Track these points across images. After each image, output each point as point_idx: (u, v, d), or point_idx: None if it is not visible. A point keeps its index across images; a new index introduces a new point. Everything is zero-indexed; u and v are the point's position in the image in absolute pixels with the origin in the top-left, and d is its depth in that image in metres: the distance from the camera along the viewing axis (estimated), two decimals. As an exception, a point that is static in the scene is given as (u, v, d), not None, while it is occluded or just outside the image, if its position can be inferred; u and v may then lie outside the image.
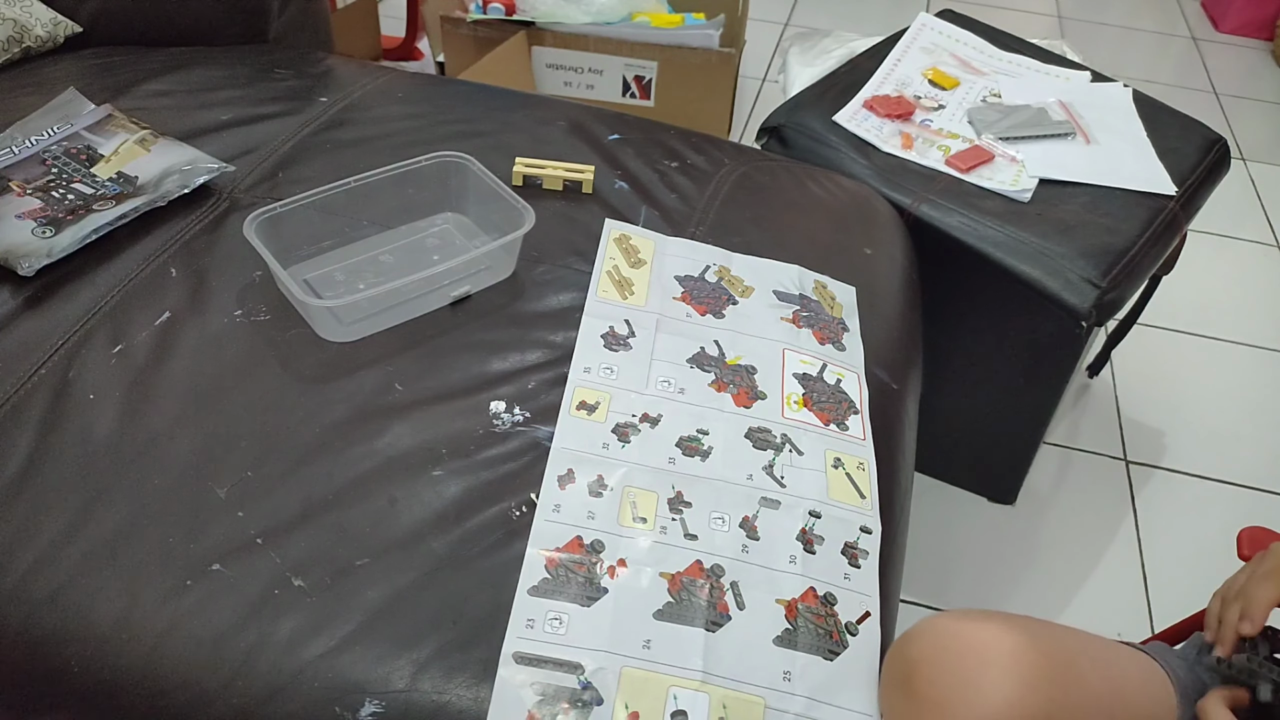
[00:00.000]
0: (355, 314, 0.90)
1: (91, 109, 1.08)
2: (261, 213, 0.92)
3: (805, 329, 0.96)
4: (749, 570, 0.75)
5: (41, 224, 0.93)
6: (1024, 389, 1.26)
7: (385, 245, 1.00)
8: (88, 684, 0.68)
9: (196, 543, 0.73)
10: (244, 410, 0.82)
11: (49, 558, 0.71)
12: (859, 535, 0.80)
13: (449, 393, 0.85)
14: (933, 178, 1.27)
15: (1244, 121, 2.50)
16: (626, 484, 0.79)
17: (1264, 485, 1.52)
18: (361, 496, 0.77)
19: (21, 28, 1.24)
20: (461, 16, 1.82)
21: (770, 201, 1.15)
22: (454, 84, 1.49)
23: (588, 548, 0.74)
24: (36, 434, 0.78)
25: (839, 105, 1.38)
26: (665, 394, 0.87)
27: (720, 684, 0.68)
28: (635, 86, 1.87)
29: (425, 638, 0.69)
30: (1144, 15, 3.02)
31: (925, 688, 0.64)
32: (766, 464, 0.83)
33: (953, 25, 1.59)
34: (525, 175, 1.08)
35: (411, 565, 0.73)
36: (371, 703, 0.66)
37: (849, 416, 0.89)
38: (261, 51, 1.36)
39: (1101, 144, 1.35)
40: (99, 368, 0.84)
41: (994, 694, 0.61)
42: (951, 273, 1.20)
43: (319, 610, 0.70)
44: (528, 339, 0.91)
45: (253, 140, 1.12)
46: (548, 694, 0.66)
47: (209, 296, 0.91)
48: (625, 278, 0.98)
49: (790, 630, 0.72)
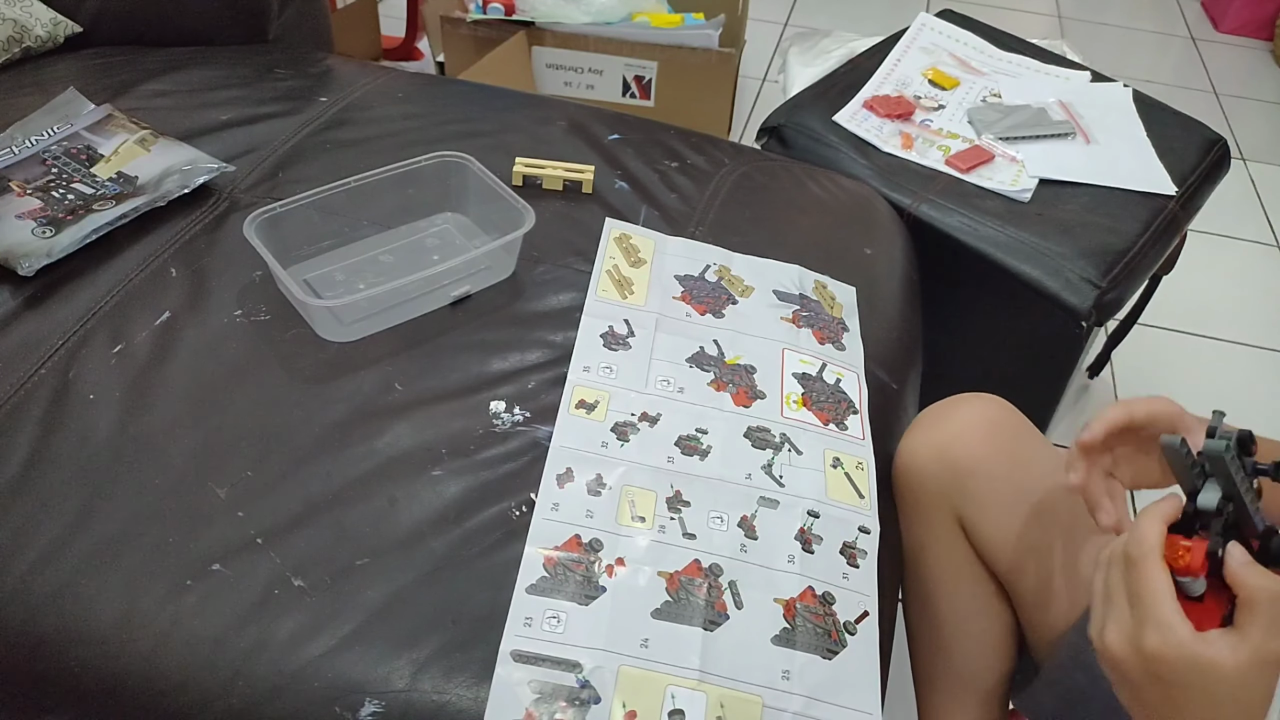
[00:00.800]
0: (355, 314, 0.90)
1: (91, 109, 1.08)
2: (261, 213, 0.92)
3: (805, 329, 0.96)
4: (747, 569, 0.75)
5: (41, 224, 0.93)
6: (1024, 389, 1.26)
7: (385, 245, 1.00)
8: (88, 684, 0.68)
9: (196, 543, 0.73)
10: (244, 410, 0.82)
11: (49, 558, 0.72)
12: (857, 535, 0.80)
13: (449, 393, 0.85)
14: (933, 178, 1.27)
15: (1244, 121, 2.50)
16: (625, 483, 0.79)
17: (1264, 485, 1.52)
18: (361, 496, 0.77)
19: (21, 28, 1.24)
20: (461, 16, 1.82)
21: (770, 201, 1.15)
22: (454, 84, 1.50)
23: (586, 546, 0.74)
24: (36, 434, 0.79)
25: (839, 105, 1.38)
26: (664, 393, 0.87)
27: (718, 683, 0.69)
28: (635, 86, 1.87)
29: (425, 637, 0.69)
30: (1144, 15, 3.02)
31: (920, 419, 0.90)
32: (765, 463, 0.83)
33: (952, 25, 1.59)
34: (525, 175, 1.08)
35: (411, 565, 0.73)
36: (371, 702, 0.66)
37: (848, 416, 0.89)
38: (261, 51, 1.36)
39: (1101, 144, 1.35)
40: (99, 368, 0.84)
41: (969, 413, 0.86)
42: (951, 273, 1.21)
43: (319, 610, 0.70)
44: (528, 339, 0.91)
45: (253, 140, 1.12)
46: (545, 692, 0.66)
47: (209, 296, 0.91)
48: (625, 277, 0.98)
49: (789, 629, 0.72)
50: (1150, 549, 0.54)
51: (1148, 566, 0.54)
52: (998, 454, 0.83)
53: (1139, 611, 0.53)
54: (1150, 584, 0.53)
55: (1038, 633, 0.82)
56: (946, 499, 0.84)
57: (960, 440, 0.85)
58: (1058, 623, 0.79)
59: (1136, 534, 0.55)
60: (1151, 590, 0.53)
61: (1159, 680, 0.52)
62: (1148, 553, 0.54)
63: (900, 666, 0.89)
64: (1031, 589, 0.82)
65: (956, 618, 0.87)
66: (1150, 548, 0.54)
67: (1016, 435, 0.85)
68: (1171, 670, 0.52)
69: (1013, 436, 0.85)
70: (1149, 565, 0.54)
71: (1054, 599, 0.79)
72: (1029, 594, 0.82)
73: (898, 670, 0.86)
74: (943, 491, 0.84)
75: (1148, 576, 0.53)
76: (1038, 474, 0.82)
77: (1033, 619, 0.83)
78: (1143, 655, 0.52)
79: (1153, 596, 0.53)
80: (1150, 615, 0.52)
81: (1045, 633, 0.81)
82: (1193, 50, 2.84)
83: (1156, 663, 0.52)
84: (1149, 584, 0.53)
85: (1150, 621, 0.52)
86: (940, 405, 0.89)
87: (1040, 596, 0.81)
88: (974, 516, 0.83)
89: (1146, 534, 0.54)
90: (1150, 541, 0.54)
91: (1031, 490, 0.81)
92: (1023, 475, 0.82)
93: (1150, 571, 0.53)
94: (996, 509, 0.82)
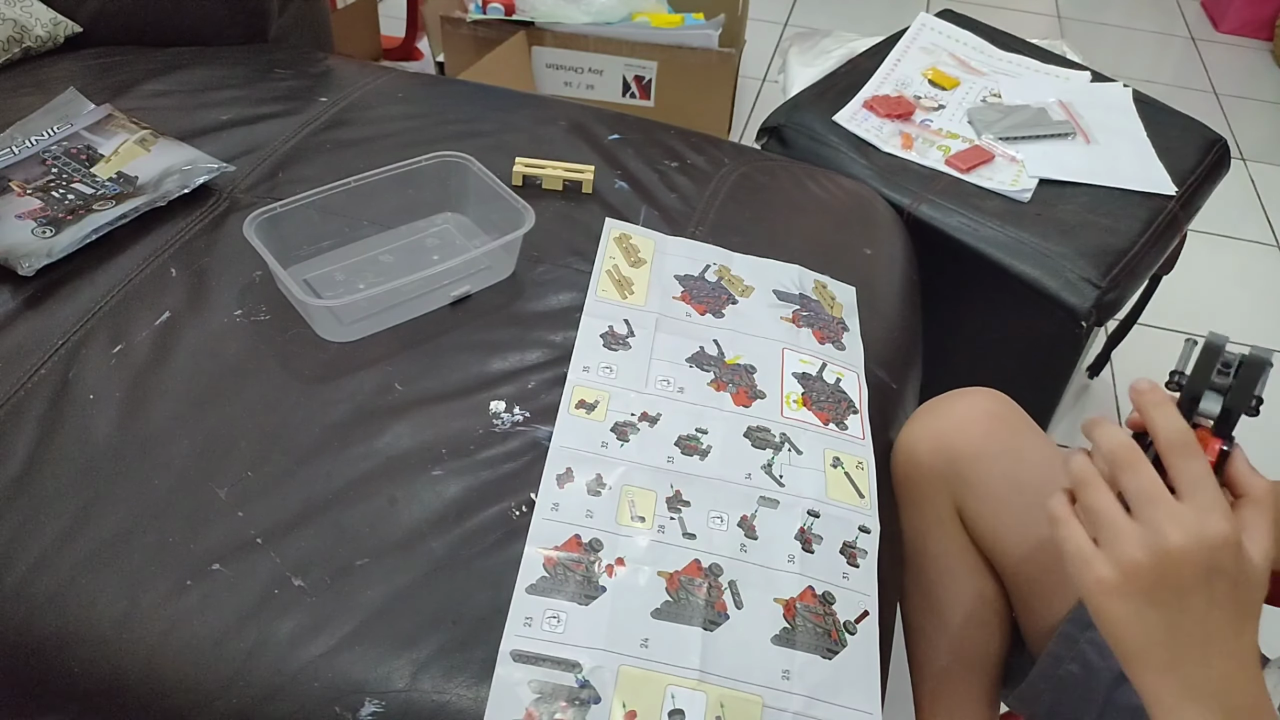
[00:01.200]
0: (355, 314, 0.90)
1: (91, 109, 1.08)
2: (261, 213, 0.92)
3: (805, 328, 0.96)
4: (747, 569, 0.75)
5: (41, 224, 0.93)
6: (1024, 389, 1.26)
7: (385, 245, 1.00)
8: (88, 684, 0.68)
9: (196, 543, 0.73)
10: (244, 410, 0.82)
11: (49, 558, 0.72)
12: (858, 535, 0.80)
13: (449, 393, 0.85)
14: (932, 178, 1.27)
15: (1244, 121, 2.50)
16: (625, 483, 0.79)
17: (1264, 485, 1.52)
18: (361, 496, 0.77)
19: (21, 28, 1.24)
20: (461, 16, 1.83)
21: (770, 201, 1.15)
22: (454, 84, 1.50)
23: (586, 546, 0.74)
24: (36, 434, 0.79)
25: (839, 105, 1.38)
26: (664, 393, 0.87)
27: (718, 683, 0.69)
28: (635, 86, 1.87)
29: (425, 637, 0.69)
30: (1144, 15, 3.02)
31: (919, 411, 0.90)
32: (765, 463, 0.83)
33: (952, 25, 1.59)
34: (525, 175, 1.08)
35: (411, 565, 0.73)
36: (371, 702, 0.66)
37: (848, 416, 0.89)
38: (261, 51, 1.36)
39: (1101, 144, 1.35)
40: (99, 368, 0.84)
41: (968, 404, 0.87)
42: (951, 273, 1.21)
43: (319, 610, 0.70)
44: (528, 339, 0.91)
45: (253, 140, 1.12)
46: (545, 692, 0.66)
47: (209, 296, 0.91)
48: (625, 277, 0.98)
49: (788, 629, 0.72)
50: (1191, 436, 0.52)
51: (1194, 452, 0.51)
52: (996, 445, 0.84)
53: (1200, 499, 0.50)
54: (1204, 469, 0.51)
55: (1033, 622, 0.83)
56: (946, 488, 0.85)
57: (959, 431, 0.85)
58: (1053, 613, 0.79)
59: (1168, 425, 0.52)
60: (1207, 475, 0.51)
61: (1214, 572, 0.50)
62: (1190, 440, 0.52)
63: (900, 666, 0.89)
64: (1028, 579, 0.82)
65: (955, 602, 0.87)
66: (1190, 435, 0.52)
67: (1014, 427, 0.86)
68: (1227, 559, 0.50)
69: (1011, 428, 0.85)
70: (1195, 451, 0.51)
71: (1050, 589, 0.80)
72: (1025, 583, 0.83)
73: (898, 670, 0.86)
74: (942, 480, 0.85)
75: (1199, 460, 0.51)
76: (1035, 466, 0.82)
77: (1029, 608, 0.83)
78: (1208, 546, 0.50)
79: (1210, 481, 0.51)
80: (1216, 501, 0.50)
81: (1041, 623, 0.81)
82: (1193, 50, 2.84)
83: (1220, 551, 0.50)
84: (1202, 469, 0.51)
85: (1217, 508, 0.50)
86: (939, 398, 0.90)
87: (1037, 586, 0.81)
88: (972, 506, 0.84)
89: (1177, 422, 0.52)
90: (1186, 430, 0.52)
91: (1029, 481, 0.82)
92: (1020, 467, 0.83)
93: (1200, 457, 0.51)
94: (994, 499, 0.83)
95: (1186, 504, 0.51)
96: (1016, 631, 0.88)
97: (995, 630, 0.87)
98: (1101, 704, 0.74)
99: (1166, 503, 0.51)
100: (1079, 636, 0.76)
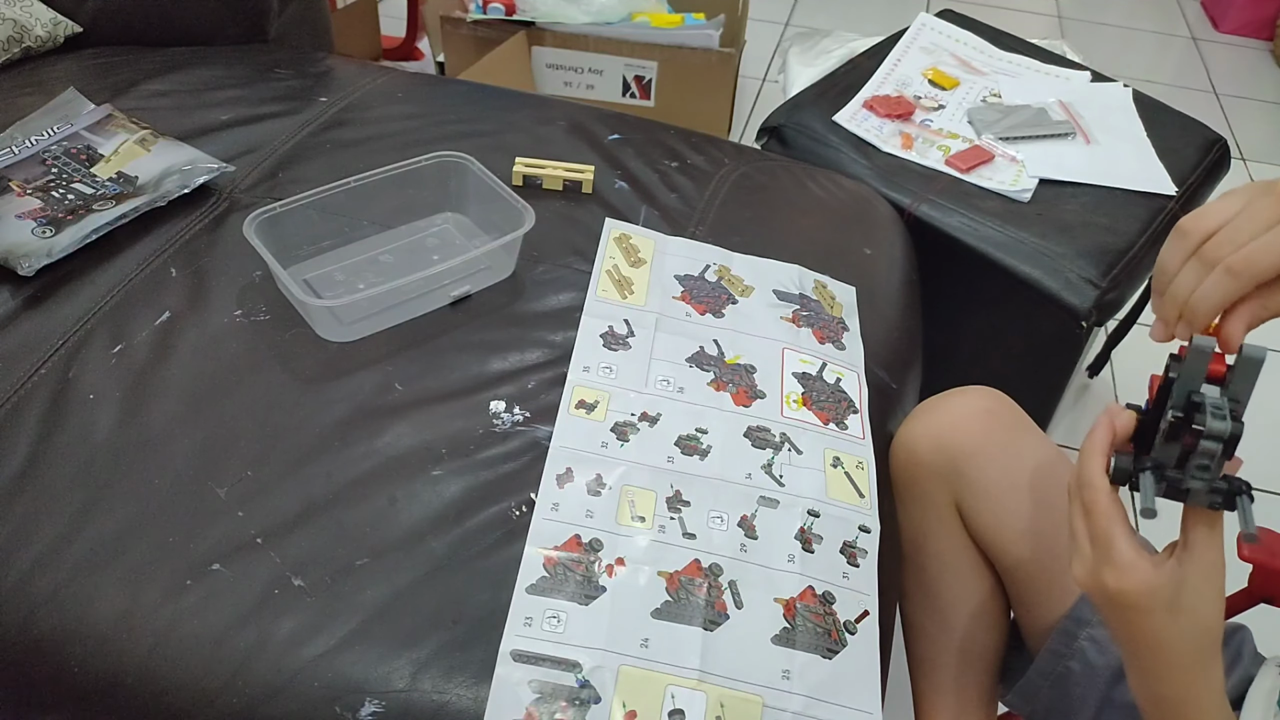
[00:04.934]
0: (355, 314, 0.90)
1: (91, 109, 1.08)
2: (261, 213, 0.92)
3: (805, 328, 0.96)
4: (747, 569, 0.75)
5: (41, 224, 0.93)
6: (1024, 389, 1.26)
7: (385, 245, 1.00)
8: (88, 683, 0.68)
9: (196, 543, 0.73)
10: (244, 410, 0.82)
11: (49, 557, 0.72)
12: (858, 534, 0.80)
13: (449, 392, 0.85)
14: (933, 178, 1.27)
15: (1244, 121, 2.50)
16: (625, 483, 0.79)
17: (1265, 486, 1.52)
18: (361, 496, 0.77)
19: (21, 28, 1.24)
20: (461, 16, 1.83)
21: (770, 201, 1.15)
22: (454, 84, 1.50)
23: (586, 546, 0.74)
24: (36, 434, 0.79)
25: (839, 105, 1.38)
26: (664, 393, 0.87)
27: (718, 683, 0.69)
28: (635, 86, 1.87)
29: (425, 637, 0.69)
30: (1144, 15, 3.02)
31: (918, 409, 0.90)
32: (765, 463, 0.83)
33: (953, 25, 1.59)
34: (525, 175, 1.08)
35: (411, 565, 0.73)
36: (371, 702, 0.66)
37: (848, 416, 0.89)
38: (261, 51, 1.36)
39: (1101, 144, 1.35)
40: (99, 368, 0.84)
41: (967, 402, 0.87)
42: (951, 273, 1.20)
43: (319, 610, 0.70)
44: (527, 339, 0.91)
45: (253, 140, 1.12)
46: (545, 692, 0.66)
47: (209, 296, 0.91)
48: (625, 277, 0.98)
49: (789, 629, 0.72)
50: (1098, 490, 0.57)
51: (1098, 509, 0.57)
52: (994, 442, 0.84)
53: (1097, 552, 0.57)
54: (1102, 525, 0.56)
55: (1032, 620, 0.83)
56: (945, 485, 0.85)
57: (958, 428, 0.86)
58: (1052, 609, 0.79)
59: (1083, 475, 0.57)
60: (1103, 531, 0.56)
61: (1125, 610, 0.57)
62: (1097, 495, 0.57)
63: (899, 666, 0.89)
64: (1027, 576, 0.82)
65: (954, 600, 0.88)
66: (1097, 489, 0.57)
67: (1013, 426, 0.86)
68: (1135, 603, 0.56)
69: (1009, 427, 0.86)
70: (1099, 508, 0.57)
71: (1048, 586, 0.80)
72: (1024, 581, 0.83)
73: (898, 670, 0.86)
74: (941, 478, 0.85)
75: (1099, 515, 0.56)
76: (1033, 463, 0.83)
77: (1027, 606, 0.83)
78: (1106, 593, 0.57)
79: (1106, 538, 0.56)
80: (1107, 557, 0.56)
81: (1039, 620, 0.81)
82: (1193, 50, 2.84)
83: (1120, 597, 0.56)
84: (1100, 525, 0.56)
85: (1108, 563, 0.56)
86: (938, 396, 0.90)
87: (1035, 584, 0.82)
88: (971, 504, 0.84)
89: (1091, 475, 0.57)
90: (1096, 482, 0.57)
91: (1027, 479, 0.82)
92: (1018, 464, 0.83)
93: (1101, 512, 0.56)
94: (993, 497, 0.83)
95: (1092, 554, 0.58)
96: (1015, 629, 0.88)
97: (994, 627, 0.87)
98: (1100, 701, 0.75)
99: (1081, 547, 0.58)
100: (1078, 633, 0.76)
